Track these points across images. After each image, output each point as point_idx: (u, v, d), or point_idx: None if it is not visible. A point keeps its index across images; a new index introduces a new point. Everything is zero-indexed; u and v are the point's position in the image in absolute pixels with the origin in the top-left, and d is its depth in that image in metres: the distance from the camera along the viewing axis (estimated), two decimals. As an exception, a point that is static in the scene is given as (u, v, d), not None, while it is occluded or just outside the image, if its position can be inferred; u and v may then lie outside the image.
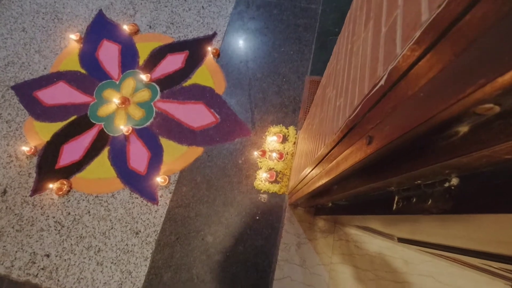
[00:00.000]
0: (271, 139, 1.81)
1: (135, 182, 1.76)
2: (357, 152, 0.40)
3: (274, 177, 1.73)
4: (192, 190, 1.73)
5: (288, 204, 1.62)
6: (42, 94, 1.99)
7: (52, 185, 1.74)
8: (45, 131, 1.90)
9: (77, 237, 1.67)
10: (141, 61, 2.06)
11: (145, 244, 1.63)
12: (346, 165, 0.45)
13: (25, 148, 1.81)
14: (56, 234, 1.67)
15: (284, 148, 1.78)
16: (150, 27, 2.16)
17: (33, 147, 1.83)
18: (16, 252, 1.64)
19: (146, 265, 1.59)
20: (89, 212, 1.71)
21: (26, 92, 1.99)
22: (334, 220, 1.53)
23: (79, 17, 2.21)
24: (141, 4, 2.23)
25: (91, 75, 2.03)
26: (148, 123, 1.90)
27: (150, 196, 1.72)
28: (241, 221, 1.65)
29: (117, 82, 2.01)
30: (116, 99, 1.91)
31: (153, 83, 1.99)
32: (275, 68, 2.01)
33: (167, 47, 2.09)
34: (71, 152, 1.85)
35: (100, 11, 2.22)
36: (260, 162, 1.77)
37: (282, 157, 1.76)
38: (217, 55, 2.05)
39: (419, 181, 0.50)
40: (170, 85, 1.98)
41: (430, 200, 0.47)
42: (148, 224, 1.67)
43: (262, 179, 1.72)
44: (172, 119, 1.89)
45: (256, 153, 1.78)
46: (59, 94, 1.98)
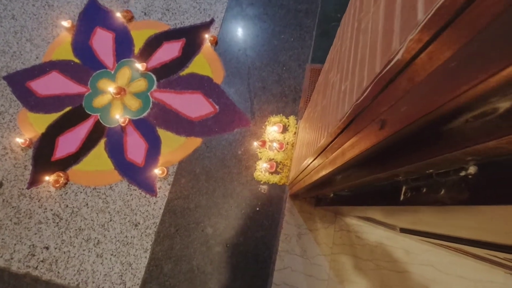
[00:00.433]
0: (271, 129, 1.77)
1: (133, 174, 1.73)
2: (367, 138, 0.36)
3: (274, 168, 1.70)
4: (191, 182, 1.71)
5: (289, 195, 1.60)
6: (35, 85, 1.93)
7: (49, 178, 1.72)
8: (40, 123, 1.85)
9: (76, 230, 1.65)
10: (137, 50, 1.99)
11: (145, 236, 1.62)
12: (353, 153, 0.42)
13: (20, 140, 1.77)
14: (55, 227, 1.66)
15: (285, 138, 1.75)
16: (145, 14, 2.08)
17: (28, 139, 1.79)
18: (15, 245, 1.63)
19: (146, 257, 1.58)
20: (87, 205, 1.69)
21: (19, 83, 1.94)
22: (335, 211, 1.51)
23: (71, 4, 2.13)
24: (135, -10, 2.14)
25: (85, 65, 1.97)
26: (145, 114, 1.85)
27: (149, 188, 1.70)
28: (241, 212, 1.64)
29: (112, 72, 1.95)
30: (112, 89, 1.86)
31: (149, 73, 1.93)
32: (275, 56, 1.95)
33: (163, 35, 2.01)
34: (67, 144, 1.81)
35: (93, -3, 2.13)
36: (260, 153, 1.73)
37: (282, 147, 1.73)
38: (215, 43, 1.98)
39: (431, 170, 0.46)
40: (167, 75, 1.92)
41: (443, 190, 0.43)
42: (147, 216, 1.65)
43: (262, 170, 1.69)
44: (170, 110, 1.85)
45: (256, 144, 1.74)
46: (53, 85, 1.93)
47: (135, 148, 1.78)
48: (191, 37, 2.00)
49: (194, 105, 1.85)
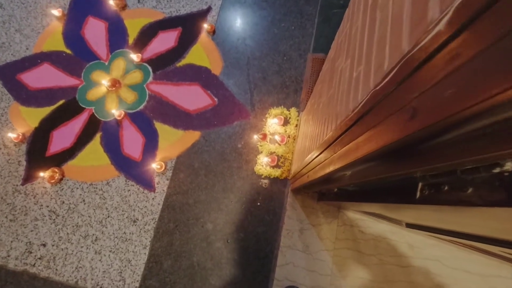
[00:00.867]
0: (272, 122, 1.71)
1: (130, 169, 1.68)
2: (391, 131, 0.31)
3: (276, 162, 1.65)
4: (190, 176, 1.66)
5: (291, 190, 1.56)
6: (26, 77, 1.85)
7: (44, 174, 1.67)
8: (33, 117, 1.79)
9: (73, 226, 1.62)
10: (131, 40, 1.90)
11: (144, 232, 1.58)
12: (370, 148, 0.37)
13: (12, 135, 1.71)
14: (51, 224, 1.62)
15: (286, 131, 1.69)
16: (139, 2, 1.98)
17: (21, 134, 1.73)
18: (12, 242, 1.60)
19: (145, 253, 1.55)
20: (84, 201, 1.65)
21: (9, 75, 1.86)
22: (338, 206, 1.47)
23: (61, -8, 2.02)
24: (128, -24, 2.03)
25: (77, 56, 1.89)
26: (141, 107, 1.79)
27: (147, 183, 1.65)
28: (242, 208, 1.59)
29: (106, 63, 1.87)
30: (106, 82, 1.78)
31: (145, 64, 1.86)
32: (275, 46, 1.87)
33: (158, 24, 1.93)
34: (62, 139, 1.75)
35: (83, -16, 2.02)
36: (261, 146, 1.68)
37: (284, 141, 1.67)
38: (213, 32, 1.89)
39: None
40: (163, 66, 1.85)
41: (471, 189, 0.38)
42: (146, 212, 1.61)
43: (263, 164, 1.64)
44: (167, 102, 1.78)
45: (256, 137, 1.69)
46: (45, 77, 1.85)
47: (132, 142, 1.72)
48: (188, 26, 1.91)
49: (192, 97, 1.78)
